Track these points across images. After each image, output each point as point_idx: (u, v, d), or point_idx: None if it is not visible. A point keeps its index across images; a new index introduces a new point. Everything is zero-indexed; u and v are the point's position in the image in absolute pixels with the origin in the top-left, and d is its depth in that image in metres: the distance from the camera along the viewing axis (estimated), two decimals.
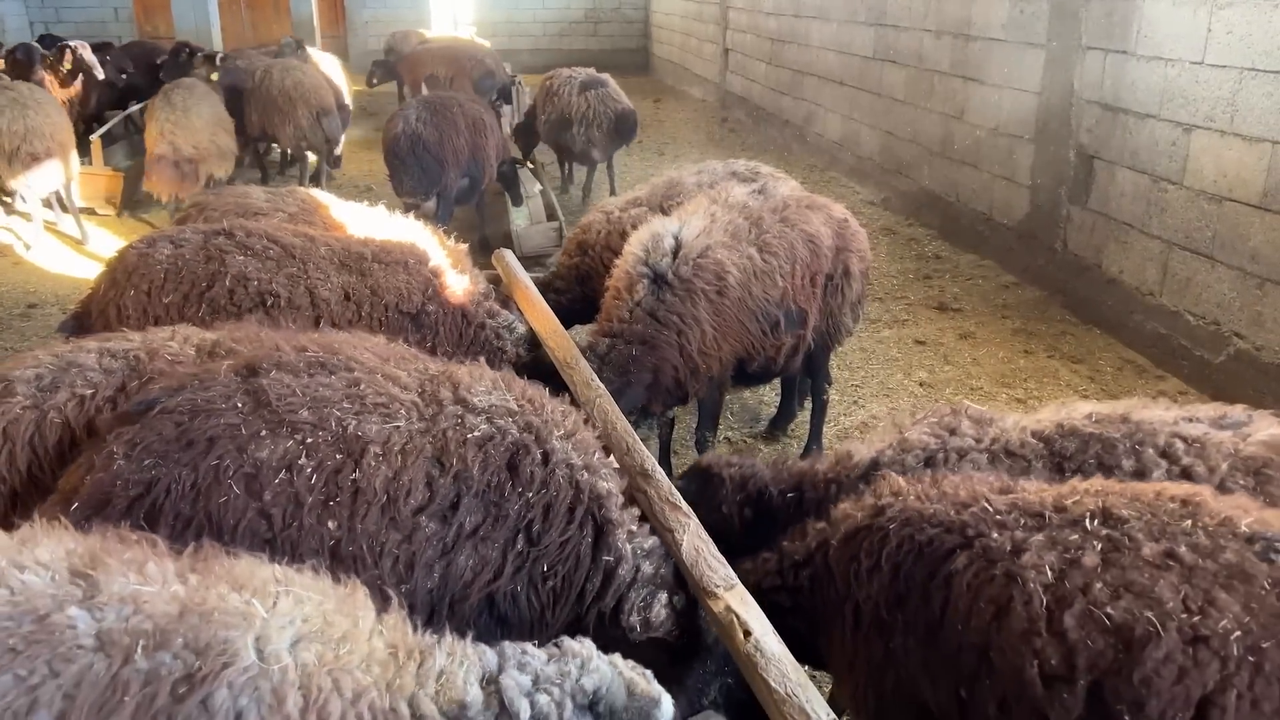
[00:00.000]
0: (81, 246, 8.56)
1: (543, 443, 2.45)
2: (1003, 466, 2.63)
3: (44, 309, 7.00)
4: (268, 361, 2.36)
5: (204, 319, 3.48)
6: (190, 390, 2.28)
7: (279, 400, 2.25)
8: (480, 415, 2.42)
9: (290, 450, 2.19)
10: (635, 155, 12.62)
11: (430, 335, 3.80)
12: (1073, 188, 7.02)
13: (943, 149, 8.93)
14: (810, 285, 4.34)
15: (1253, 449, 2.49)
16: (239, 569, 1.65)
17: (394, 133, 7.58)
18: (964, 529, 2.15)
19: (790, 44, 12.90)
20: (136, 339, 2.84)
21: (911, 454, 2.77)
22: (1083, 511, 2.06)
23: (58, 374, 2.66)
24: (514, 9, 21.69)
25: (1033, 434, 2.68)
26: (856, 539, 2.35)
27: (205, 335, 2.85)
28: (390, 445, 2.26)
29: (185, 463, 2.15)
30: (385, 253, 3.88)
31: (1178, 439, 2.54)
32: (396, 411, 2.34)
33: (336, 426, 2.25)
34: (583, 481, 2.48)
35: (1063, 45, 7.00)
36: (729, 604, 2.47)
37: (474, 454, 2.33)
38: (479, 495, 2.32)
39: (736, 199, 4.43)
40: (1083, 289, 6.93)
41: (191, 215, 4.65)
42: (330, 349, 2.48)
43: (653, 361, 4.06)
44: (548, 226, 8.27)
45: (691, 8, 18.13)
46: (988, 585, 2.02)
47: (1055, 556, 1.97)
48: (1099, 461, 2.55)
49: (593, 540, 2.51)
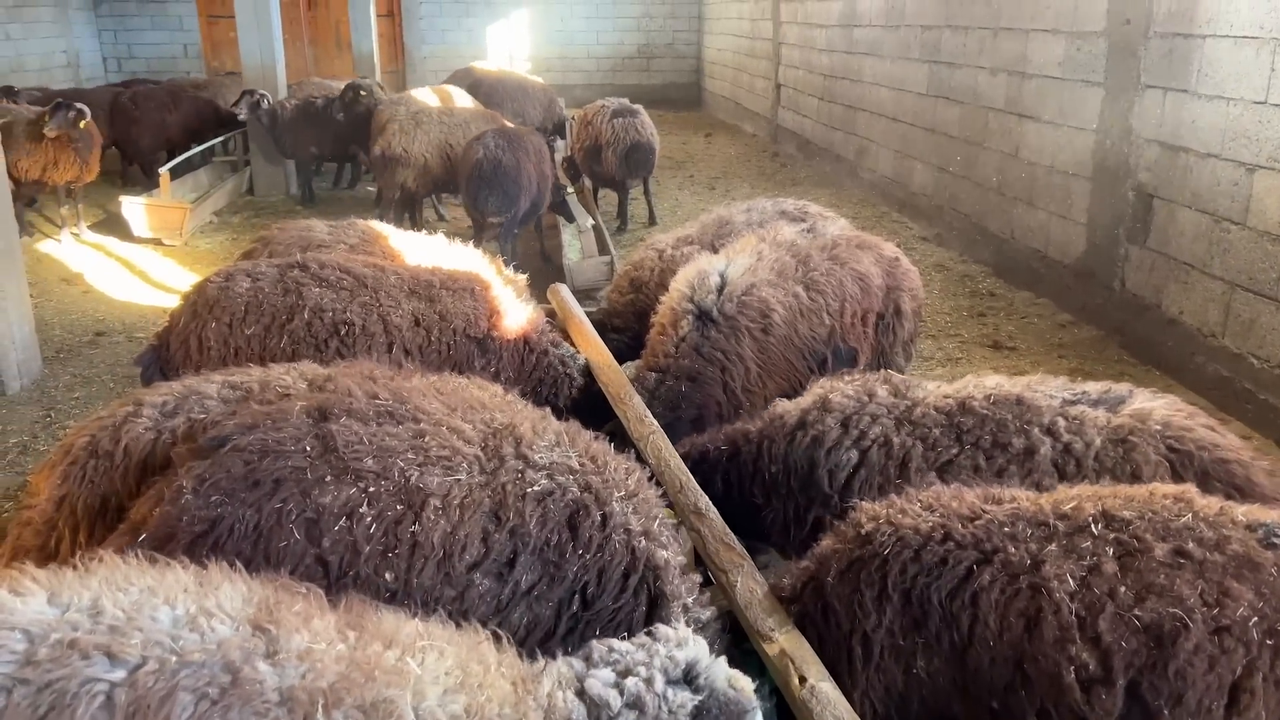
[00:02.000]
0: (147, 276, 8.82)
1: (602, 504, 2.40)
2: (906, 431, 2.92)
3: (111, 336, 7.21)
4: (339, 407, 2.40)
5: (284, 350, 3.60)
6: (262, 429, 2.32)
7: (345, 447, 2.27)
8: (540, 471, 2.40)
9: (353, 498, 2.20)
10: (686, 189, 12.71)
11: (495, 360, 3.87)
12: (1131, 226, 6.92)
13: (997, 185, 8.87)
14: (861, 324, 4.34)
15: (1119, 420, 2.79)
16: (386, 625, 1.71)
17: (476, 158, 8.26)
18: (978, 544, 2.20)
19: (843, 80, 12.93)
20: (257, 373, 2.94)
21: (831, 414, 3.04)
22: (1085, 517, 2.17)
23: (180, 400, 2.79)
24: (568, 45, 22.01)
25: (935, 408, 2.96)
26: (853, 571, 2.36)
27: (319, 371, 2.94)
28: (450, 499, 2.26)
29: (250, 503, 2.19)
30: (452, 280, 3.99)
31: (1060, 418, 2.82)
32: (458, 464, 2.34)
33: (399, 477, 2.25)
34: (640, 549, 2.42)
35: (1121, 83, 6.94)
36: (784, 648, 2.45)
37: (532, 509, 2.31)
38: (536, 552, 2.30)
39: (785, 238, 4.46)
40: (1142, 329, 6.81)
41: (257, 250, 4.79)
42: (400, 397, 2.50)
43: (699, 398, 4.10)
44: (600, 261, 8.35)
45: (744, 44, 18.27)
46: (1015, 599, 2.09)
47: (1074, 565, 2.07)
48: (993, 439, 2.83)
49: (646, 610, 2.44)
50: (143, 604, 1.52)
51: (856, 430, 2.98)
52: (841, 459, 2.95)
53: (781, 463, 3.09)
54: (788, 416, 3.18)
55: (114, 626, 1.45)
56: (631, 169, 9.96)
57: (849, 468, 2.94)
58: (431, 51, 21.62)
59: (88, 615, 1.47)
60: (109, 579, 1.57)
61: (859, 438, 2.97)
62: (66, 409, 5.89)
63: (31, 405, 5.96)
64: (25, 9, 17.13)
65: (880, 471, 2.90)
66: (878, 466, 2.91)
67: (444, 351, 3.82)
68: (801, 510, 3.03)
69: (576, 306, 4.81)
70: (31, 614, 1.45)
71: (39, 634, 1.42)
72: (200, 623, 1.52)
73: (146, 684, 1.39)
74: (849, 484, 2.94)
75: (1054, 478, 2.73)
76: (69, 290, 8.39)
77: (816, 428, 3.04)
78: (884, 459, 2.91)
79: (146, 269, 9.03)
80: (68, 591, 1.52)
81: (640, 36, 22.47)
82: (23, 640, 1.40)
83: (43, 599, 1.49)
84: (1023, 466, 2.78)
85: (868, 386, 3.14)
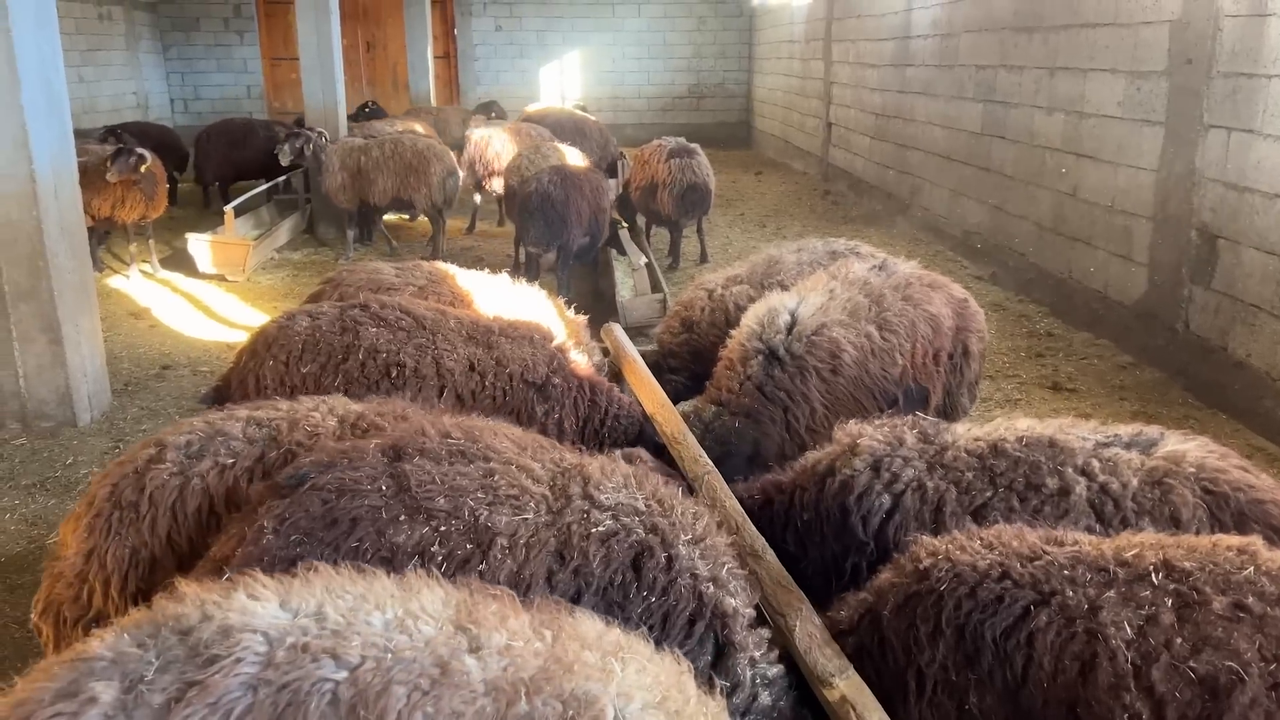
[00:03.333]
0: (211, 311, 9.05)
1: (668, 547, 2.36)
2: (939, 475, 2.89)
3: (176, 370, 7.39)
4: (413, 446, 2.43)
5: (339, 388, 3.63)
6: (339, 469, 2.36)
7: (419, 487, 2.30)
8: (606, 512, 2.39)
9: (425, 537, 2.23)
10: (737, 227, 12.75)
11: (557, 407, 3.88)
12: (1195, 267, 6.80)
13: (1055, 225, 8.78)
14: (934, 364, 4.31)
15: (1154, 462, 2.78)
16: (585, 628, 1.77)
17: (527, 191, 8.67)
18: (1036, 585, 2.19)
19: (895, 119, 12.94)
20: (284, 408, 2.94)
21: (860, 459, 3.00)
22: (1146, 566, 2.15)
23: (205, 442, 2.77)
24: (619, 84, 22.33)
25: (967, 451, 2.92)
26: (910, 606, 2.35)
27: (351, 407, 2.95)
28: (517, 538, 2.27)
29: (328, 542, 2.22)
30: (512, 328, 4.02)
31: (1094, 460, 2.82)
32: (526, 504, 2.34)
33: (469, 516, 2.27)
34: (707, 595, 2.35)
35: (1183, 123, 6.86)
36: (845, 694, 2.41)
37: (595, 549, 2.30)
38: (600, 593, 2.28)
39: (857, 275, 4.43)
40: (1207, 372, 6.67)
41: (326, 291, 4.88)
42: (471, 436, 2.52)
43: (754, 435, 4.08)
44: (652, 298, 8.40)
45: (794, 83, 18.37)
46: (1071, 642, 2.07)
47: (1132, 613, 2.06)
48: (1027, 480, 2.80)
49: (711, 660, 2.36)
50: (358, 609, 1.65)
51: (888, 474, 2.93)
52: (874, 504, 2.91)
53: (813, 510, 3.06)
54: (817, 464, 3.14)
55: (336, 630, 1.58)
56: (687, 209, 10.03)
57: (882, 513, 2.90)
58: (486, 92, 22.04)
59: (314, 620, 1.60)
60: (329, 587, 1.70)
61: (890, 482, 2.92)
62: (134, 440, 6.03)
63: (101, 436, 6.12)
64: (99, 53, 17.82)
65: (915, 516, 2.86)
66: (912, 511, 2.87)
67: (499, 397, 3.83)
68: (839, 558, 2.98)
69: (631, 346, 4.83)
70: (269, 618, 1.59)
71: (276, 637, 1.55)
72: (408, 624, 1.63)
73: (365, 680, 1.51)
74: (882, 530, 2.89)
75: (1091, 518, 2.71)
76: (137, 324, 8.63)
77: (845, 473, 2.99)
78: (918, 503, 2.87)
79: (210, 304, 9.27)
80: (296, 598, 1.66)
81: (690, 76, 22.73)
82: (264, 643, 1.53)
83: (276, 604, 1.63)
84: (1058, 507, 2.75)
85: (896, 431, 3.10)
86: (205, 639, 1.52)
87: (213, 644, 1.51)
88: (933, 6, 11.58)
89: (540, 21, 22.20)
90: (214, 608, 1.59)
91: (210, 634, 1.53)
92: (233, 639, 1.52)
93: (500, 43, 22.32)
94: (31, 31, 5.73)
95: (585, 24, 22.24)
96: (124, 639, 1.54)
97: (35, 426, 6.13)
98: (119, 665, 1.48)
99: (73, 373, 6.15)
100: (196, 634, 1.53)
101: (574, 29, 22.25)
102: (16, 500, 5.27)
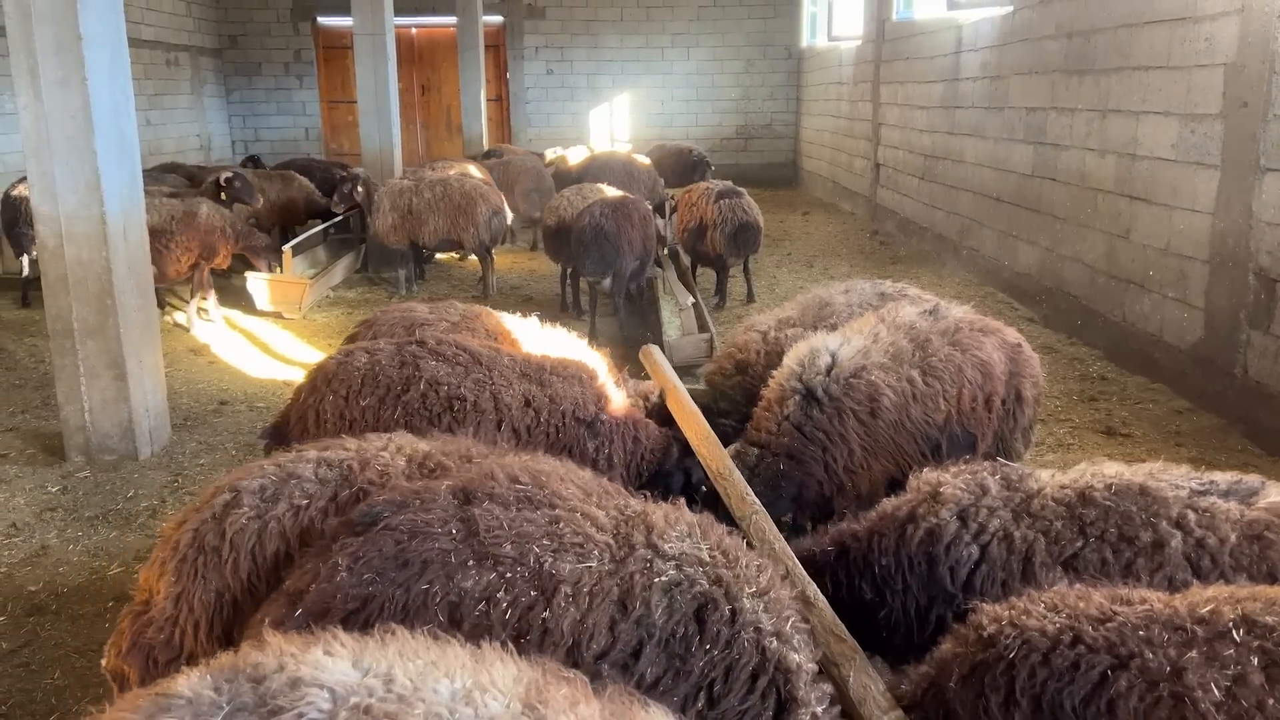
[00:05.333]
0: (268, 348, 9.26)
1: (732, 599, 2.34)
2: (1026, 524, 2.82)
3: (234, 405, 7.57)
4: (482, 490, 2.47)
5: (399, 421, 3.69)
6: (412, 510, 2.40)
7: (487, 532, 2.33)
8: (669, 561, 2.37)
9: (492, 583, 2.24)
10: (785, 267, 12.77)
11: (606, 444, 3.91)
12: (1253, 311, 6.68)
13: (1107, 267, 8.68)
14: (985, 409, 4.27)
15: (1255, 514, 2.66)
16: None
17: (582, 224, 9.14)
18: (1112, 648, 2.10)
19: (944, 160, 12.92)
20: (352, 447, 2.99)
21: (945, 507, 2.93)
22: (1225, 622, 2.06)
23: (279, 485, 2.82)
24: (667, 126, 22.55)
25: (1054, 499, 2.85)
26: (977, 675, 2.26)
27: (418, 446, 3.00)
28: (580, 586, 2.27)
29: (400, 583, 2.26)
30: (561, 366, 4.09)
31: (1190, 510, 2.71)
32: (590, 552, 2.35)
33: (534, 563, 2.28)
34: (770, 649, 2.32)
35: (1239, 166, 6.78)
36: None
37: (658, 599, 2.28)
38: (662, 644, 2.26)
39: (905, 320, 4.43)
40: (1267, 418, 6.52)
41: (361, 333, 4.97)
42: (538, 482, 2.55)
43: (799, 476, 4.08)
44: (699, 338, 8.43)
45: (842, 124, 18.44)
46: (1156, 708, 1.99)
47: (1218, 674, 1.97)
48: (1119, 531, 2.72)
49: (773, 715, 2.32)
50: (427, 675, 1.62)
51: (975, 524, 2.87)
52: (962, 554, 2.85)
53: (893, 556, 2.99)
54: (896, 510, 3.09)
55: (402, 695, 1.56)
56: (738, 248, 10.25)
57: (970, 563, 2.84)
58: (537, 134, 22.43)
59: (382, 682, 1.58)
60: (402, 650, 1.69)
61: (978, 532, 2.86)
62: (192, 475, 6.19)
63: (160, 470, 6.28)
64: (165, 96, 18.49)
65: (1003, 567, 2.80)
66: (1000, 562, 2.81)
67: (552, 434, 3.88)
68: (923, 609, 2.93)
69: (671, 372, 4.78)
70: (339, 675, 1.58)
71: (341, 695, 1.54)
72: (475, 697, 1.59)
73: None
74: (970, 581, 2.83)
75: (1187, 573, 2.61)
76: (196, 360, 8.86)
77: (930, 521, 2.93)
78: (1006, 554, 2.80)
79: (268, 341, 9.49)
80: (369, 657, 1.65)
81: (739, 118, 22.92)
82: (329, 700, 1.53)
83: (348, 662, 1.63)
84: (1152, 560, 2.65)
85: (978, 478, 3.03)
86: (274, 689, 1.53)
87: (279, 694, 1.52)
88: (982, 50, 11.59)
89: (591, 65, 22.58)
90: (290, 659, 1.61)
91: (280, 684, 1.54)
92: (299, 692, 1.53)
93: (551, 85, 22.72)
94: (105, 81, 5.98)
95: (635, 67, 22.57)
96: (205, 680, 1.57)
97: (98, 460, 6.31)
98: (193, 706, 1.52)
99: (135, 407, 6.33)
100: (268, 683, 1.55)
101: (624, 72, 22.59)
102: (79, 532, 5.42)
